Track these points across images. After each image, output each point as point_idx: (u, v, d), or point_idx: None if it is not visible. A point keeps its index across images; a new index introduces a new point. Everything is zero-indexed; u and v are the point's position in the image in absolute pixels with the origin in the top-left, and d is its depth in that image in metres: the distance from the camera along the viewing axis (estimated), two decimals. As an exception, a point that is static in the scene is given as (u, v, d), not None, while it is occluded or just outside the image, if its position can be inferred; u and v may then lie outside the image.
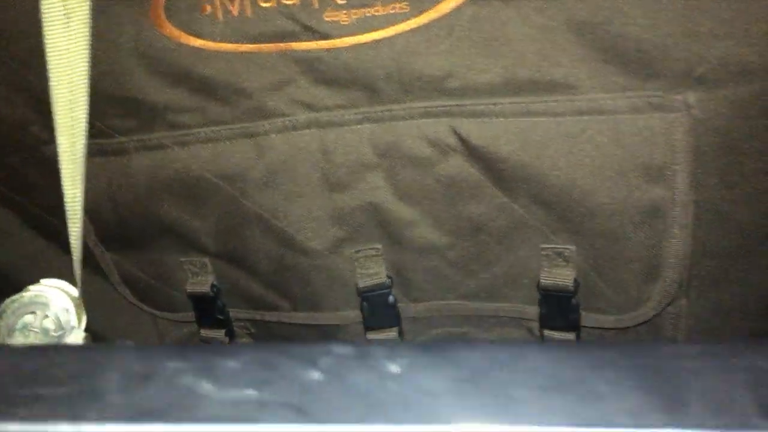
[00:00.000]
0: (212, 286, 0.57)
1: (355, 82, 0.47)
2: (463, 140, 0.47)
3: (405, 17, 0.44)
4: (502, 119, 0.46)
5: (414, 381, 0.20)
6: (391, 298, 0.55)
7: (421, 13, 0.44)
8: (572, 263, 0.49)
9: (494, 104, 0.45)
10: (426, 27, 0.44)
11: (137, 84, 0.48)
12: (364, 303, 0.55)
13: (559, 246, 0.49)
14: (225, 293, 0.58)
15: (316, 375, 0.20)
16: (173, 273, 0.58)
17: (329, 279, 0.54)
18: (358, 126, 0.48)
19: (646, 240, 0.47)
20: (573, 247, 0.49)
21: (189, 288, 0.57)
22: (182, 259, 0.57)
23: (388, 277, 0.54)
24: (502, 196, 0.48)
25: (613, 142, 0.44)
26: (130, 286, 0.59)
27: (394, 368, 0.20)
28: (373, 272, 0.54)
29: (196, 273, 0.57)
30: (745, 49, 0.41)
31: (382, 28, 0.44)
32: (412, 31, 0.44)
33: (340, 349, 0.20)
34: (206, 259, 0.56)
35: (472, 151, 0.47)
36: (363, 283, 0.54)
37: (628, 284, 0.49)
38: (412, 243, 0.52)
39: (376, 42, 0.45)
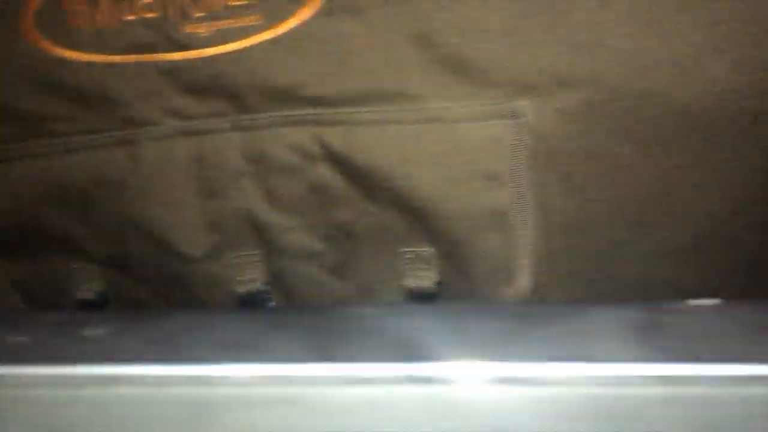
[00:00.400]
0: (100, 293, 0.58)
1: (219, 91, 0.49)
2: (325, 148, 0.49)
3: (259, 29, 0.46)
4: (356, 127, 0.48)
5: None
6: (271, 304, 0.57)
7: (273, 25, 0.46)
8: (433, 266, 0.51)
9: (348, 113, 0.48)
10: (279, 39, 0.46)
11: (12, 93, 0.50)
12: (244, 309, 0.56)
13: (417, 249, 0.51)
14: (114, 300, 0.59)
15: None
16: (62, 280, 0.59)
17: (209, 285, 0.56)
18: (228, 134, 0.51)
19: (496, 244, 0.49)
20: (432, 250, 0.51)
21: (78, 295, 0.59)
22: (72, 266, 0.58)
23: (267, 283, 0.56)
24: (365, 202, 0.51)
25: (456, 149, 0.47)
26: (21, 293, 0.61)
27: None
28: (251, 278, 0.56)
29: (84, 280, 0.59)
30: (570, 59, 0.43)
31: (238, 39, 0.47)
32: (266, 42, 0.47)
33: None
34: (94, 266, 0.58)
35: (335, 159, 0.49)
36: (241, 288, 0.56)
37: (485, 287, 0.51)
38: (288, 249, 0.54)
39: (234, 53, 0.47)
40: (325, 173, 0.50)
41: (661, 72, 0.43)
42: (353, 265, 0.54)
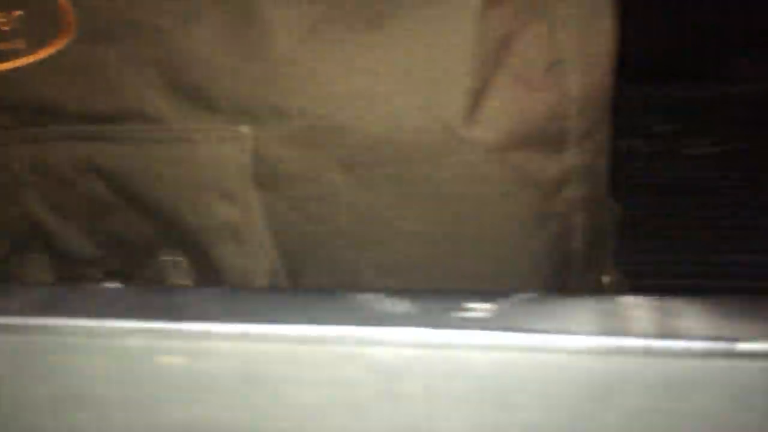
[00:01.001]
0: None
1: (3, 106, 0.55)
2: (91, 161, 0.55)
3: (25, 53, 0.52)
4: (112, 144, 0.54)
5: None
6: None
7: (36, 50, 0.52)
8: (185, 273, 0.56)
9: (105, 131, 0.53)
10: (43, 61, 0.52)
11: None
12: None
13: (173, 258, 0.56)
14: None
15: None
16: None
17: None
18: (17, 146, 0.56)
19: (233, 255, 0.54)
20: (184, 259, 0.56)
21: None
22: None
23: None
24: (129, 212, 0.56)
25: (194, 168, 0.52)
26: None
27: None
28: (40, 281, 0.61)
29: None
30: (283, 92, 0.49)
31: (8, 60, 0.53)
32: (33, 64, 0.53)
33: None
34: None
35: (99, 171, 0.55)
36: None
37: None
38: (70, 254, 0.59)
39: (7, 72, 0.53)
40: (94, 185, 0.56)
41: (355, 107, 0.48)
42: (128, 270, 0.59)
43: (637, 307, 0.27)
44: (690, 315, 0.26)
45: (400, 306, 0.27)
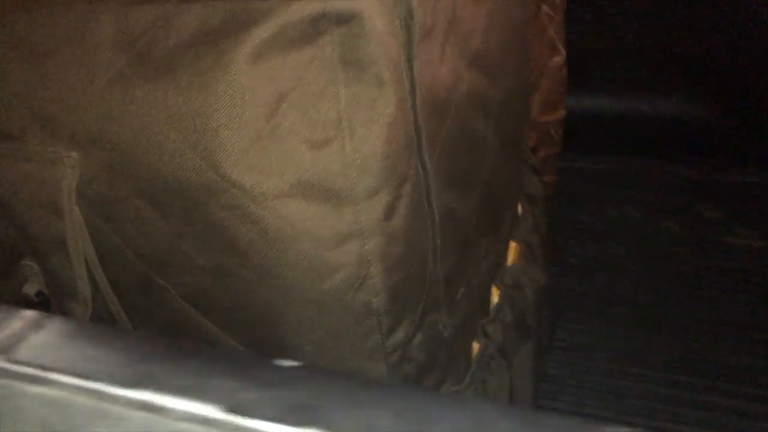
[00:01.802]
0: None
1: None
2: None
3: None
4: None
5: None
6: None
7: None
8: (37, 279, 0.63)
9: None
10: None
11: None
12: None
13: (28, 263, 0.63)
14: None
15: None
16: None
17: None
18: None
19: (58, 265, 0.60)
20: (34, 265, 0.63)
21: None
22: None
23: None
24: (3, 220, 0.64)
25: (39, 185, 0.59)
26: None
27: None
28: None
29: None
30: (99, 126, 0.55)
31: None
32: None
33: None
34: None
35: None
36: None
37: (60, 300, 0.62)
38: None
39: None
40: None
41: (148, 144, 0.53)
42: (3, 270, 0.67)
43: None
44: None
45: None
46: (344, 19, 0.48)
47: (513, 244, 0.89)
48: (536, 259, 0.92)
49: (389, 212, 0.54)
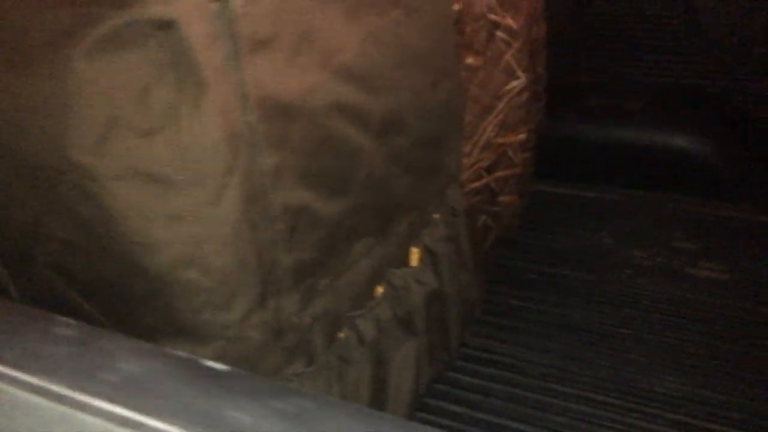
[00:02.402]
0: None
1: None
2: None
3: None
4: None
5: None
6: None
7: None
8: None
9: None
10: None
11: None
12: None
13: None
14: None
15: None
16: None
17: None
18: None
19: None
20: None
21: None
22: None
23: None
24: None
25: None
26: None
27: None
28: None
29: None
30: None
31: None
32: None
33: None
34: None
35: None
36: None
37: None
38: None
39: None
40: None
41: (10, 131, 0.62)
42: None
43: None
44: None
45: None
46: (164, 26, 0.56)
47: (414, 250, 0.94)
48: (439, 266, 0.97)
49: (216, 199, 0.61)
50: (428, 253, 0.96)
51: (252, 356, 0.68)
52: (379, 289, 0.85)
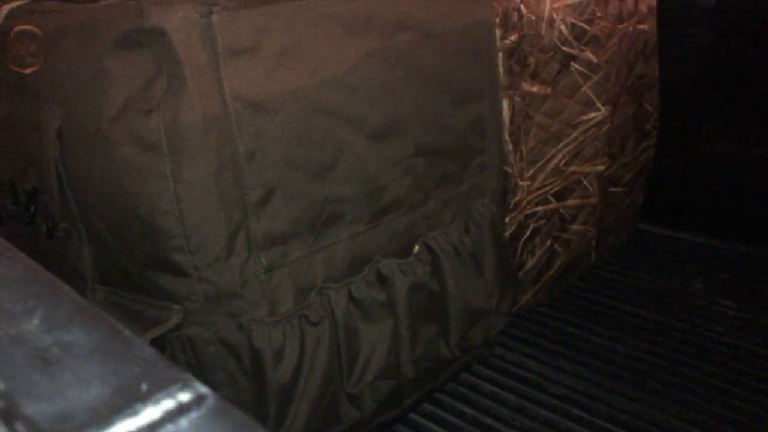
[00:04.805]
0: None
1: None
2: None
3: None
4: None
5: None
6: None
7: None
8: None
9: None
10: None
11: None
12: None
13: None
14: None
15: None
16: None
17: None
18: None
19: None
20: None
21: None
22: None
23: None
24: None
25: None
26: None
27: None
28: None
29: None
30: None
31: None
32: None
33: None
34: None
35: None
36: None
37: None
38: None
39: None
40: None
41: None
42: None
43: None
44: None
45: None
46: (159, 32, 0.76)
47: (415, 246, 1.06)
48: (440, 266, 1.08)
49: (190, 165, 0.80)
50: (428, 252, 1.07)
51: (219, 296, 0.86)
52: (363, 271, 0.99)
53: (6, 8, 1.01)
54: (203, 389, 0.24)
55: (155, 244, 0.84)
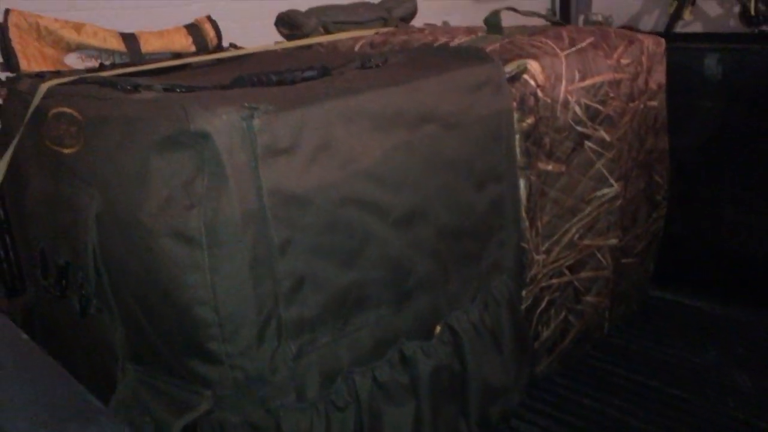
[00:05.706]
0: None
1: None
2: None
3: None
4: None
5: None
6: None
7: None
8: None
9: None
10: None
11: None
12: None
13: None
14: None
15: None
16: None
17: None
18: None
19: None
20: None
21: None
22: None
23: None
24: None
25: None
26: None
27: None
28: None
29: None
30: None
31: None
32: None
33: None
34: None
35: None
36: None
37: None
38: None
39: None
40: None
41: None
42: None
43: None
44: None
45: None
46: (202, 135, 0.81)
47: (437, 327, 1.09)
48: (461, 346, 1.10)
49: (228, 259, 0.83)
50: (450, 332, 1.10)
51: (249, 382, 0.89)
52: (387, 354, 1.02)
53: (45, 86, 1.06)
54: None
55: (191, 332, 0.87)
